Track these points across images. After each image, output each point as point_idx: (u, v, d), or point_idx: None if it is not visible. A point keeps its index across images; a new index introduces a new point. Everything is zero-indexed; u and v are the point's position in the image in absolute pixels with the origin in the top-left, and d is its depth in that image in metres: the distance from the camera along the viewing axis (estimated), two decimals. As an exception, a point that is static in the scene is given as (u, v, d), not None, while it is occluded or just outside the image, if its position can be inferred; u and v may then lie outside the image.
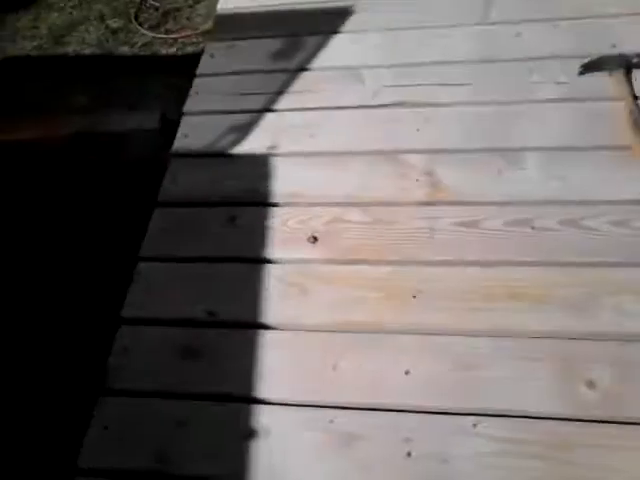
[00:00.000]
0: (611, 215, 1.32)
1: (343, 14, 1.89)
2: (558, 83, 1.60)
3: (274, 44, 1.87)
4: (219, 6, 2.07)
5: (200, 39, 2.45)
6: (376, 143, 1.56)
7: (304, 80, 1.75)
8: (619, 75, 1.56)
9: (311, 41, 1.85)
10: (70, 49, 2.53)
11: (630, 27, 1.68)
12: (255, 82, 1.78)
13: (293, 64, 1.80)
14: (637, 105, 1.50)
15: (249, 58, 1.85)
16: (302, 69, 1.78)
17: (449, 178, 1.45)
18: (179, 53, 2.41)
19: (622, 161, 1.42)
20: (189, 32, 2.48)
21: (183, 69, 2.34)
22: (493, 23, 1.79)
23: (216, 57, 1.88)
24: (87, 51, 2.50)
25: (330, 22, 1.88)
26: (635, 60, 1.57)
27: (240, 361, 1.25)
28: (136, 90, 2.25)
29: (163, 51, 2.44)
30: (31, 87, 2.34)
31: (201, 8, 2.63)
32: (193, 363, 1.27)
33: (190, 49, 2.42)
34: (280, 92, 1.73)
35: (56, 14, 2.75)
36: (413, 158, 1.51)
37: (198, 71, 1.86)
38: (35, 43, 2.59)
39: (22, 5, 2.81)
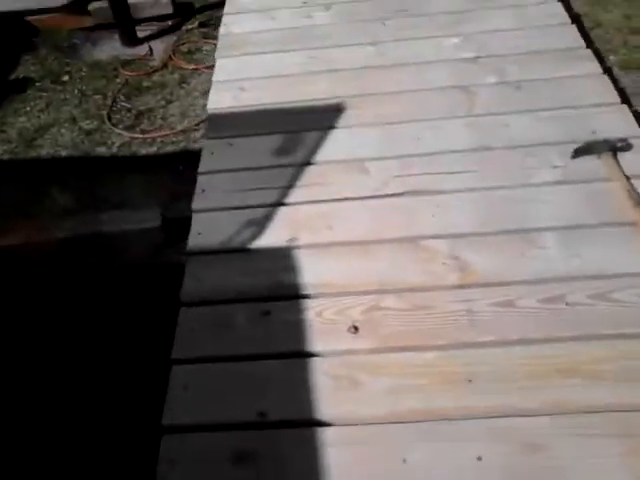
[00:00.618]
0: (636, 287, 1.40)
1: (337, 110, 1.97)
2: (554, 167, 1.72)
3: (273, 141, 1.92)
4: (209, 105, 2.12)
5: (179, 138, 2.47)
6: (395, 231, 1.60)
7: (310, 174, 1.80)
8: (607, 158, 1.70)
9: (310, 137, 1.91)
10: (44, 152, 2.48)
11: (605, 115, 1.85)
12: (260, 178, 1.80)
13: (296, 159, 1.85)
14: (631, 184, 1.62)
15: (250, 155, 1.88)
16: (306, 163, 1.83)
17: (476, 261, 1.50)
18: (160, 152, 2.41)
19: (631, 236, 1.52)
20: (167, 131, 2.50)
21: (165, 167, 2.36)
22: (480, 115, 1.92)
23: (216, 155, 1.91)
24: (63, 153, 2.45)
25: (326, 118, 1.96)
26: (619, 144, 1.72)
27: (299, 463, 1.20)
28: (120, 190, 2.22)
29: (143, 151, 2.43)
30: (7, 190, 2.26)
31: (174, 108, 2.66)
32: (247, 469, 1.21)
33: (170, 148, 2.43)
34: (288, 186, 1.76)
35: (23, 118, 2.70)
36: (435, 243, 1.55)
37: (200, 169, 1.87)
38: (5, 147, 2.52)
39: (-15, 110, 2.76)
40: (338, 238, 1.60)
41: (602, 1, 2.91)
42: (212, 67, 2.91)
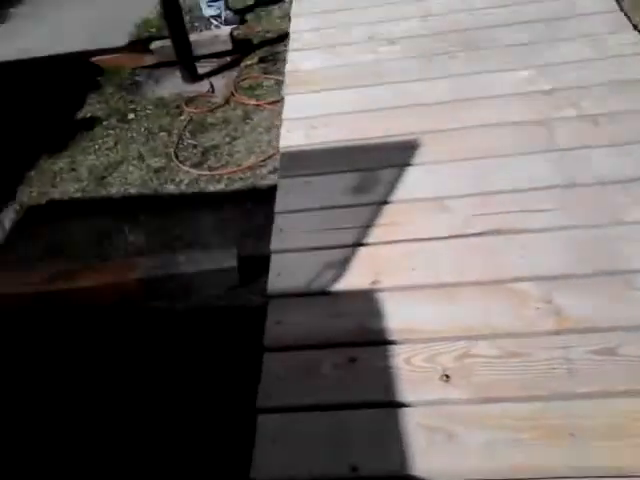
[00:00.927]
0: None
1: (412, 147, 1.95)
2: (644, 204, 1.65)
3: (348, 179, 1.90)
4: (281, 143, 2.12)
5: (247, 174, 2.48)
6: (482, 273, 1.55)
7: (388, 213, 1.77)
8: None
9: (386, 174, 1.88)
10: (114, 190, 2.52)
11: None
12: (338, 217, 1.78)
13: (373, 197, 1.82)
14: None
15: (326, 194, 1.86)
16: (383, 202, 1.80)
17: (570, 305, 1.43)
18: (228, 189, 2.42)
19: None
20: (234, 168, 2.51)
21: (235, 205, 2.37)
22: (561, 150, 1.86)
23: (292, 194, 1.90)
24: (132, 191, 2.49)
25: (401, 155, 1.93)
26: None
27: (397, 522, 1.15)
28: (191, 228, 2.23)
29: (211, 188, 2.45)
30: (81, 228, 2.30)
31: (239, 144, 2.68)
32: (342, 526, 1.16)
33: (237, 185, 2.44)
34: (367, 226, 1.73)
35: (93, 157, 2.76)
36: (525, 286, 1.50)
37: (277, 208, 1.86)
38: (77, 185, 2.57)
39: (56, 150, 2.83)
40: (422, 280, 1.56)
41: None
42: (274, 103, 2.94)
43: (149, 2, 4.46)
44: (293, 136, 2.11)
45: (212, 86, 3.25)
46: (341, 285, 1.59)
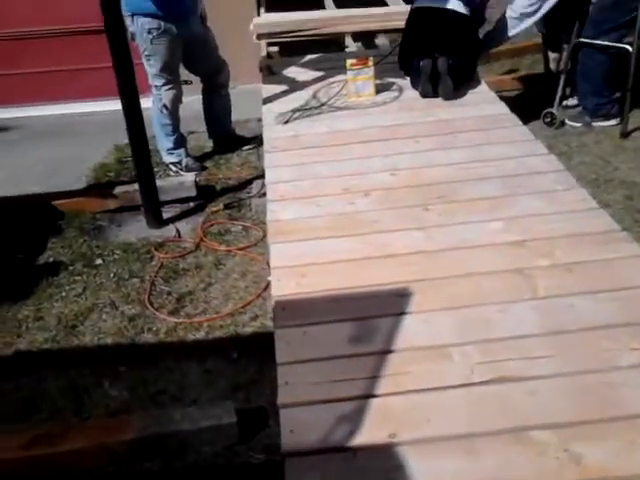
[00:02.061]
0: None
1: (402, 295, 2.02)
2: (632, 349, 1.76)
3: (346, 328, 1.92)
4: (274, 292, 2.13)
5: (227, 322, 2.46)
6: (497, 422, 1.57)
7: (392, 362, 1.79)
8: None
9: (382, 323, 1.92)
10: (87, 339, 2.43)
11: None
12: (342, 368, 1.78)
13: (374, 347, 1.84)
14: None
15: (327, 344, 1.87)
16: (385, 351, 1.82)
17: (588, 452, 1.46)
18: (209, 337, 2.39)
19: None
20: (214, 315, 2.50)
21: (218, 354, 2.32)
22: (544, 298, 1.98)
23: (292, 344, 1.89)
24: (108, 340, 2.40)
25: (393, 304, 1.99)
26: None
27: None
28: (176, 380, 2.16)
29: (191, 336, 2.41)
30: (54, 385, 2.17)
31: (215, 290, 2.69)
32: None
33: (219, 333, 2.41)
34: (373, 377, 1.74)
35: (60, 304, 2.67)
36: (541, 435, 1.52)
37: (278, 359, 1.83)
38: (46, 335, 2.46)
39: (20, 297, 2.72)
40: (440, 432, 1.56)
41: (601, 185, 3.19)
42: (245, 248, 3.01)
43: (102, 146, 4.57)
44: (284, 285, 2.14)
45: (178, 231, 3.30)
46: (359, 440, 1.56)
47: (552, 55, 4.39)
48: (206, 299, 2.61)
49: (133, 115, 3.21)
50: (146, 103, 3.59)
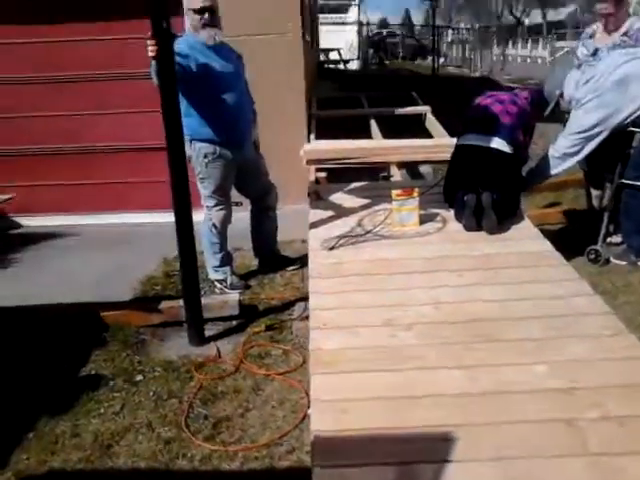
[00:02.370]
0: None
1: (447, 440, 1.96)
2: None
3: (386, 473, 1.87)
4: (313, 426, 2.10)
5: (263, 452, 2.41)
6: None
7: None
8: None
9: (425, 470, 1.87)
10: (121, 461, 2.40)
11: None
12: None
13: None
14: None
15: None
16: None
17: None
18: (244, 469, 2.34)
19: None
20: (250, 445, 2.45)
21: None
22: (595, 454, 1.90)
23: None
24: (142, 464, 2.37)
25: (438, 449, 1.93)
26: None
27: None
28: None
29: (225, 466, 2.36)
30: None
31: (253, 417, 2.65)
32: None
33: (254, 464, 2.36)
34: None
35: (97, 421, 2.67)
36: None
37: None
38: (80, 454, 2.44)
39: (58, 411, 2.74)
40: None
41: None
42: (284, 374, 3.00)
43: (152, 258, 4.73)
44: (324, 420, 2.11)
45: (219, 351, 3.32)
46: None
47: (595, 192, 4.46)
48: (243, 426, 2.57)
49: (184, 229, 3.34)
50: (197, 217, 3.73)
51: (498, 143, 3.49)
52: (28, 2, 5.55)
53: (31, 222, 5.97)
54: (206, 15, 3.60)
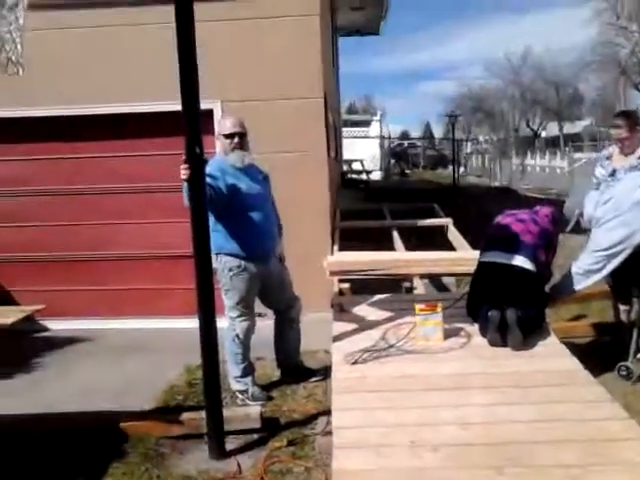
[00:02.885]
0: None
1: None
2: None
3: None
4: None
5: None
6: None
7: None
8: None
9: None
10: None
11: None
12: None
13: None
14: None
15: None
16: None
17: None
18: None
19: None
20: None
21: None
22: None
23: None
24: None
25: None
26: None
27: None
28: None
29: None
30: None
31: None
32: None
33: None
34: None
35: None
36: None
37: None
38: None
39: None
40: None
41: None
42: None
43: (174, 366, 4.72)
44: None
45: (239, 466, 3.25)
46: None
47: (622, 307, 4.43)
48: None
49: (208, 338, 3.36)
50: (220, 323, 3.74)
51: (521, 261, 3.54)
52: (64, 121, 5.97)
53: (57, 326, 6.07)
54: (236, 139, 3.87)
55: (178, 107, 3.11)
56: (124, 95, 5.73)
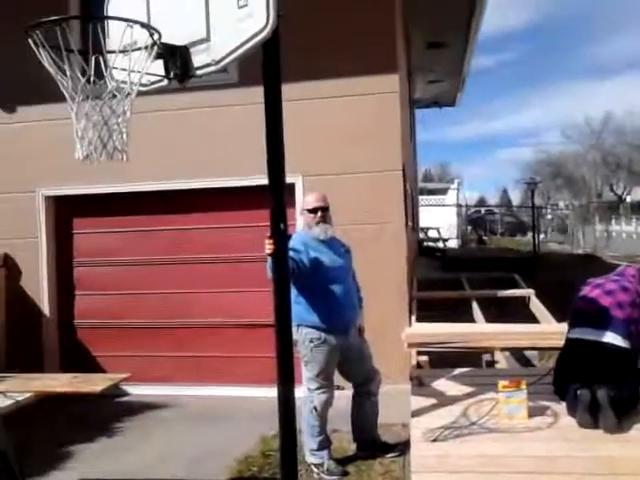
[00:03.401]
0: None
1: None
2: None
3: None
4: None
5: None
6: None
7: None
8: None
9: None
10: None
11: None
12: None
13: None
14: None
15: None
16: None
17: None
18: None
19: None
20: None
21: None
22: None
23: None
24: None
25: None
26: None
27: None
28: None
29: None
30: None
31: None
32: None
33: None
34: None
35: None
36: None
37: None
38: None
39: None
40: None
41: None
42: None
43: (250, 435, 4.72)
44: None
45: None
46: None
47: None
48: None
49: (287, 406, 3.31)
50: (297, 393, 3.72)
51: (612, 337, 3.36)
52: (163, 199, 6.33)
53: (137, 391, 6.22)
54: (319, 213, 3.99)
55: (263, 181, 3.24)
56: (213, 171, 6.04)
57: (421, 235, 15.94)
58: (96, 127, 2.42)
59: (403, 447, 4.13)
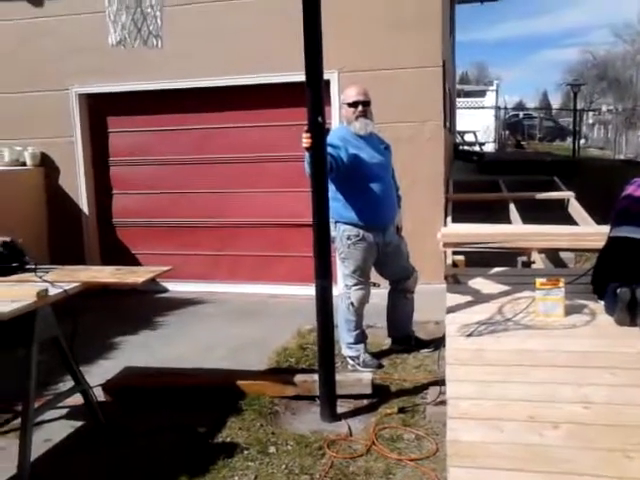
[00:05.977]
0: None
1: None
2: None
3: None
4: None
5: None
6: None
7: None
8: None
9: None
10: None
11: None
12: None
13: None
14: None
15: None
16: None
17: None
18: None
19: None
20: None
21: None
22: None
23: None
24: (273, 540, 2.38)
25: None
26: None
27: None
28: None
29: None
30: None
31: (383, 504, 2.59)
32: None
33: None
34: None
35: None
36: None
37: None
38: (215, 522, 2.50)
39: (196, 472, 2.84)
40: None
41: None
42: (415, 460, 2.91)
43: (287, 330, 4.86)
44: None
45: (350, 429, 3.30)
46: None
47: None
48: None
49: (324, 301, 3.39)
50: (334, 290, 3.79)
51: (658, 236, 3.29)
52: (190, 94, 6.20)
53: (176, 287, 6.42)
54: (360, 107, 3.86)
55: (301, 78, 3.13)
56: (248, 67, 5.86)
57: (457, 139, 15.56)
58: (129, 10, 2.33)
59: (437, 343, 4.21)
